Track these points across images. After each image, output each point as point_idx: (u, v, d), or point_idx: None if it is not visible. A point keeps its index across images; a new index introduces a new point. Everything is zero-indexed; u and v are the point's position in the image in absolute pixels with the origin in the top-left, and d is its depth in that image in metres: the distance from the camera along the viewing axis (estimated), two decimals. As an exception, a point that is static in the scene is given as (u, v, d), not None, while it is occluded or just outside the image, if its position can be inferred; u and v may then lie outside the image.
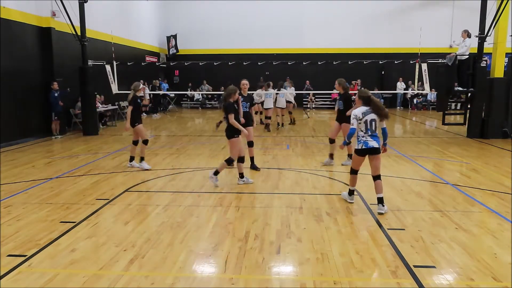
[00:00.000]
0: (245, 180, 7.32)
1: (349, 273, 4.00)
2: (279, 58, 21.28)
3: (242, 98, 8.07)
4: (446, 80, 12.61)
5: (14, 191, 6.94)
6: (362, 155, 5.83)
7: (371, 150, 5.72)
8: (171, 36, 24.96)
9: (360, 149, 5.78)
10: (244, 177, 7.34)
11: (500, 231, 5.07)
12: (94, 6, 15.19)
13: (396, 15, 24.39)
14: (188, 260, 4.30)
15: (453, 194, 6.67)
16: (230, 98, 6.92)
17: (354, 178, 6.11)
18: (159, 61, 24.28)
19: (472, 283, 3.81)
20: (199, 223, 5.40)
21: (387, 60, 18.67)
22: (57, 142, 12.47)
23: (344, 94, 8.61)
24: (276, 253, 4.44)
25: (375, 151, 5.73)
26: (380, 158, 5.84)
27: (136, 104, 8.51)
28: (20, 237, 4.92)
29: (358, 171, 6.06)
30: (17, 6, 12.16)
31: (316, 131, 14.49)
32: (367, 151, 5.76)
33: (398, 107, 24.64)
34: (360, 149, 5.78)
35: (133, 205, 6.14)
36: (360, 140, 5.78)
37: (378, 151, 5.74)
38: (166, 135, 14.23)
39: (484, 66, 12.53)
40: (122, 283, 3.81)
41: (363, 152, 5.79)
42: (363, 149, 5.76)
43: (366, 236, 4.90)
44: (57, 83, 12.99)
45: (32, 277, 3.94)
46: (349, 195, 6.22)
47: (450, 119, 15.96)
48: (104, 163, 9.27)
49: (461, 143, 11.76)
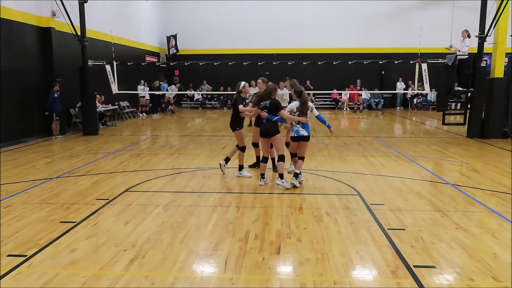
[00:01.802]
0: (265, 180, 7.34)
1: (349, 273, 4.01)
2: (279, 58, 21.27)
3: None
4: (446, 80, 12.61)
5: (14, 191, 6.94)
6: (295, 141, 7.15)
7: (301, 137, 7.04)
8: (171, 36, 24.95)
9: (293, 137, 7.10)
10: (265, 177, 7.36)
11: (500, 231, 5.07)
12: (94, 6, 15.19)
13: (396, 15, 24.38)
14: (188, 260, 4.30)
15: (453, 194, 6.67)
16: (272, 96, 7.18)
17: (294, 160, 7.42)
18: (159, 61, 24.28)
19: (472, 283, 3.81)
20: (199, 223, 5.40)
21: (387, 60, 18.66)
22: (57, 142, 12.47)
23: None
24: (276, 253, 4.44)
25: (304, 138, 7.05)
26: (307, 145, 7.20)
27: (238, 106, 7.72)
28: (20, 237, 4.91)
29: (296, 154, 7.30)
30: (17, 6, 12.16)
31: (316, 131, 14.48)
32: (298, 138, 7.05)
33: (398, 107, 24.64)
34: (293, 136, 7.09)
35: (133, 205, 6.14)
36: (293, 129, 7.08)
37: (307, 139, 7.06)
38: (166, 135, 14.24)
39: (484, 66, 12.52)
40: (122, 283, 3.81)
41: (296, 139, 7.10)
42: (295, 137, 7.07)
43: (366, 236, 4.89)
44: (58, 84, 12.99)
45: (32, 277, 3.94)
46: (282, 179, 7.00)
47: (450, 119, 15.97)
48: (104, 163, 9.27)
49: (461, 143, 11.76)
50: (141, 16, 22.41)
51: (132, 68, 17.59)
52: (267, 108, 7.01)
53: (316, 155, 10.00)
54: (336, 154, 10.21)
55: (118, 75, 14.81)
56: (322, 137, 13.11)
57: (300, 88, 7.20)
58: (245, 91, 7.82)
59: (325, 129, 15.27)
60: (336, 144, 11.82)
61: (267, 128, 7.02)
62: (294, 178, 7.08)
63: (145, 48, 22.65)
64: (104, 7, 17.05)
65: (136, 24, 21.54)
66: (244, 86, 7.80)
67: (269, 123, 6.98)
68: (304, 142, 7.08)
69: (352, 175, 7.95)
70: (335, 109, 24.31)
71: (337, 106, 24.47)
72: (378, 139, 9.12)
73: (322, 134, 13.68)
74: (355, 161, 9.37)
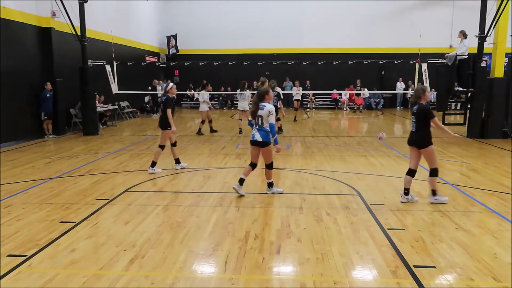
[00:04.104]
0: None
1: (349, 273, 4.01)
2: (279, 58, 21.29)
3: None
4: (446, 80, 12.60)
5: (14, 191, 6.94)
6: (251, 145, 6.47)
7: (253, 142, 6.37)
8: (171, 36, 24.95)
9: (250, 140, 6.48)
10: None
11: (500, 231, 5.07)
12: (94, 6, 15.18)
13: (396, 15, 24.38)
14: (188, 260, 4.30)
15: (453, 194, 6.67)
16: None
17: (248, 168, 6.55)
18: (159, 61, 24.28)
19: (472, 283, 3.81)
20: (199, 223, 5.40)
21: (387, 60, 18.68)
22: (58, 142, 12.46)
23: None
24: (276, 253, 4.44)
25: (255, 143, 6.34)
26: (266, 151, 6.34)
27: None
28: (20, 237, 4.92)
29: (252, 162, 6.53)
30: (17, 6, 12.16)
31: (316, 131, 14.49)
32: (252, 142, 6.41)
33: (398, 107, 24.63)
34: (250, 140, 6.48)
35: (133, 205, 6.14)
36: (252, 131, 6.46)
37: (259, 144, 6.30)
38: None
39: (484, 66, 12.52)
40: (122, 283, 3.81)
41: (251, 143, 6.46)
42: (250, 140, 6.46)
43: (366, 236, 4.89)
44: (49, 84, 12.99)
45: (32, 277, 3.94)
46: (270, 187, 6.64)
47: (450, 119, 15.96)
48: (104, 163, 9.27)
49: (461, 143, 11.75)
50: (141, 16, 22.41)
51: (132, 68, 17.59)
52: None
53: (316, 155, 10.00)
54: (336, 154, 10.20)
55: (118, 75, 14.80)
56: (322, 137, 13.11)
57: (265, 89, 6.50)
58: (171, 92, 8.13)
59: (325, 129, 15.41)
60: (336, 144, 11.82)
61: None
62: (268, 187, 6.63)
63: (145, 48, 22.65)
64: (104, 7, 17.05)
65: (136, 24, 21.54)
66: (172, 87, 8.14)
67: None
68: (261, 148, 6.34)
69: (352, 175, 7.95)
70: (335, 109, 24.31)
71: (337, 106, 24.47)
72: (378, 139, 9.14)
73: (322, 134, 13.68)
74: (355, 161, 9.37)
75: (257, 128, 6.32)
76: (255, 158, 6.52)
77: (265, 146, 6.32)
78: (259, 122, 6.28)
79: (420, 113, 5.93)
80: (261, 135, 6.26)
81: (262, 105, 6.29)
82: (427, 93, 6.02)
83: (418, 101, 5.99)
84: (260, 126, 6.29)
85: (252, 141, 6.38)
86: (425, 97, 6.00)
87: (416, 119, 6.00)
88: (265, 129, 6.26)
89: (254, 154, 6.52)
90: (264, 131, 6.26)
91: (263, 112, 6.24)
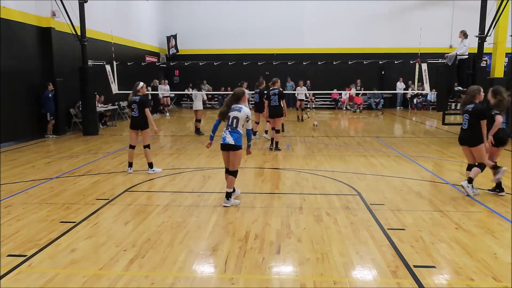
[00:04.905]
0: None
1: (349, 273, 4.01)
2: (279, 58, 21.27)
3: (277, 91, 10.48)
4: (446, 80, 12.60)
5: (14, 191, 6.94)
6: (222, 149, 5.92)
7: (225, 146, 5.85)
8: (171, 36, 24.94)
9: (220, 144, 5.92)
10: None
11: (500, 231, 5.07)
12: (94, 6, 15.18)
13: (396, 15, 24.37)
14: (188, 260, 4.30)
15: (453, 194, 6.67)
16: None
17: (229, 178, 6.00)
18: (159, 61, 24.27)
19: (472, 283, 3.81)
20: (199, 223, 5.40)
21: (387, 60, 18.66)
22: (58, 142, 12.46)
23: (260, 90, 12.19)
24: (276, 253, 4.44)
25: (227, 147, 5.83)
26: (236, 155, 5.85)
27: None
28: (20, 237, 4.92)
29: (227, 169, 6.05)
30: (17, 6, 12.16)
31: (316, 131, 14.49)
32: (222, 146, 5.88)
33: (398, 107, 24.62)
34: (220, 144, 5.93)
35: (133, 205, 6.14)
36: (222, 134, 5.92)
37: (231, 148, 5.80)
38: (166, 135, 14.24)
39: (484, 66, 12.51)
40: (122, 283, 3.81)
41: (221, 147, 5.90)
42: (221, 144, 5.90)
43: (366, 236, 4.89)
44: (51, 84, 12.99)
45: (32, 277, 3.94)
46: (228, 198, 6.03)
47: (450, 119, 15.95)
48: (104, 163, 9.27)
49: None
50: (141, 16, 22.40)
51: (132, 68, 17.58)
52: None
53: (316, 155, 10.00)
54: (336, 154, 10.20)
55: (118, 75, 14.79)
56: (322, 137, 13.11)
57: (240, 89, 6.16)
58: (142, 91, 8.12)
59: (325, 128, 15.40)
60: (336, 144, 11.82)
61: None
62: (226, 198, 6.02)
63: (145, 48, 22.65)
64: (104, 7, 17.04)
65: (136, 24, 21.53)
66: (142, 87, 8.12)
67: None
68: (232, 151, 5.85)
69: (352, 175, 7.95)
70: (335, 109, 24.31)
71: (337, 106, 24.47)
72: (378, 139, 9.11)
73: (322, 134, 13.68)
74: (355, 161, 9.37)
75: (229, 131, 5.84)
76: (229, 163, 5.98)
77: (236, 150, 5.82)
78: (233, 124, 5.84)
79: (475, 113, 6.20)
80: (233, 138, 5.79)
81: (239, 107, 5.90)
82: (482, 93, 6.37)
83: (474, 100, 6.27)
84: (234, 129, 5.84)
85: (223, 144, 5.84)
86: (479, 96, 6.30)
87: (469, 117, 6.26)
88: (239, 132, 5.83)
89: (227, 159, 5.96)
90: (238, 134, 5.82)
91: (241, 114, 5.83)
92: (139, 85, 8.09)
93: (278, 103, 10.54)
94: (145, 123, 8.06)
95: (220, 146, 5.92)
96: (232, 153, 5.86)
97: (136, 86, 8.07)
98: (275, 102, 10.56)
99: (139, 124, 8.05)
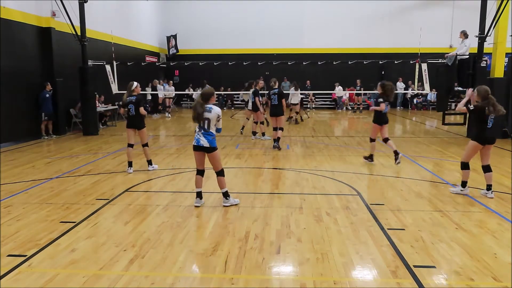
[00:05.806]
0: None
1: (349, 273, 4.01)
2: (279, 58, 21.28)
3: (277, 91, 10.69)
4: (446, 80, 12.60)
5: (14, 191, 6.94)
6: (194, 150, 5.89)
7: (198, 147, 5.80)
8: (171, 36, 24.95)
9: (193, 145, 5.87)
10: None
11: (500, 231, 5.06)
12: (94, 6, 15.19)
13: (396, 15, 24.39)
14: (188, 260, 4.30)
15: (453, 194, 6.66)
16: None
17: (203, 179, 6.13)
18: (159, 61, 24.28)
19: (472, 283, 3.81)
20: (199, 223, 5.40)
21: (387, 60, 18.66)
22: (58, 142, 12.45)
23: (255, 90, 12.06)
24: (276, 253, 4.44)
25: (201, 149, 5.79)
26: (214, 156, 5.81)
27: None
28: (20, 237, 4.92)
29: (198, 170, 6.02)
30: (17, 6, 12.16)
31: (316, 131, 14.49)
32: (195, 147, 5.83)
33: (398, 107, 24.61)
34: (193, 145, 5.88)
35: (133, 205, 6.14)
36: (195, 135, 5.87)
37: (206, 150, 5.76)
38: (166, 135, 14.24)
39: (484, 66, 12.51)
40: (122, 283, 3.81)
41: (194, 148, 5.87)
42: (194, 145, 5.85)
43: (366, 236, 4.89)
44: (49, 84, 12.99)
45: (32, 277, 3.94)
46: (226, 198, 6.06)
47: (450, 119, 15.96)
48: (104, 163, 9.27)
49: (461, 143, 11.74)
50: (141, 16, 22.41)
51: (132, 68, 17.59)
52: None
53: (316, 155, 10.00)
54: (336, 154, 10.21)
55: (118, 75, 14.80)
56: (322, 137, 13.11)
57: (209, 89, 6.07)
58: (137, 90, 8.18)
59: (325, 129, 15.38)
60: (336, 144, 11.82)
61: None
62: (224, 198, 6.06)
63: (145, 48, 22.65)
64: (104, 7, 17.05)
65: (136, 24, 21.54)
66: (136, 87, 8.19)
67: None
68: (208, 153, 5.81)
69: (352, 175, 7.95)
70: (335, 109, 24.31)
71: (337, 106, 24.46)
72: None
73: (322, 134, 13.68)
74: (355, 161, 9.37)
75: (202, 132, 5.75)
76: (201, 165, 5.97)
77: (212, 152, 5.76)
78: (205, 126, 5.73)
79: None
80: (207, 140, 5.70)
81: (209, 107, 5.77)
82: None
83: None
84: (206, 130, 5.74)
85: (196, 146, 5.78)
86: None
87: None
88: (212, 133, 5.75)
89: (199, 160, 5.93)
90: (211, 135, 5.74)
91: (211, 115, 5.72)
92: (133, 85, 8.19)
93: (278, 102, 10.62)
94: (142, 122, 8.21)
95: (193, 147, 5.88)
96: (209, 155, 5.83)
97: (131, 86, 8.18)
98: (275, 102, 10.66)
99: (135, 123, 8.19)
